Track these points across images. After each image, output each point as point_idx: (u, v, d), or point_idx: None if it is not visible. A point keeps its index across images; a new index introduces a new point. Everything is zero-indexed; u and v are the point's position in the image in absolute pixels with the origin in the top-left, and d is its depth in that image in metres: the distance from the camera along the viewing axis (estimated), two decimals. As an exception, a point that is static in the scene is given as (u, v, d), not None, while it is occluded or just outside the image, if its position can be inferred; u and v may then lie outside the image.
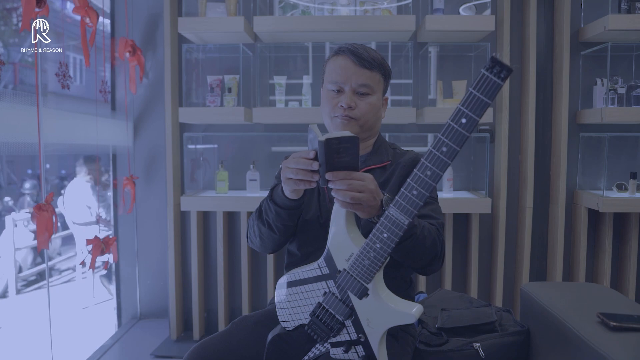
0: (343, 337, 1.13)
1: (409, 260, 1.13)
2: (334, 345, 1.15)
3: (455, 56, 2.58)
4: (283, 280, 1.18)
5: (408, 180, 0.97)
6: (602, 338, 1.08)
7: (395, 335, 1.24)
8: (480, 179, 2.59)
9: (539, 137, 2.54)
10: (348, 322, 1.11)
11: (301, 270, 1.15)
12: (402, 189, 0.98)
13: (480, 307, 1.53)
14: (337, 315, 1.11)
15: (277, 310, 1.19)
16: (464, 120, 0.88)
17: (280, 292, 1.19)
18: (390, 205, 0.99)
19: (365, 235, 1.05)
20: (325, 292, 1.12)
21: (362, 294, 1.07)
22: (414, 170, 0.96)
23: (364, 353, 1.11)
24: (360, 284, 1.06)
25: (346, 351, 1.12)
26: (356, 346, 1.12)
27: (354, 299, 1.08)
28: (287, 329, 1.18)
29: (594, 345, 1.06)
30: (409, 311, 1.05)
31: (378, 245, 1.02)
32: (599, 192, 2.46)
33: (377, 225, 1.01)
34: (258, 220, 1.22)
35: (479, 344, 1.34)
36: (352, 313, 1.09)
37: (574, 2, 2.47)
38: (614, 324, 1.11)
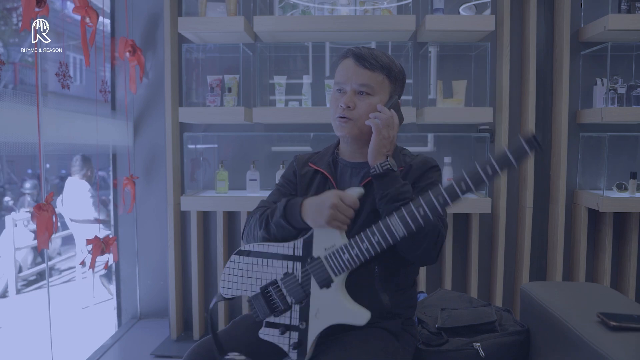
0: (283, 319, 1.15)
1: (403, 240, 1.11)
2: (269, 325, 1.16)
3: (455, 56, 2.58)
4: (248, 247, 1.19)
5: (420, 198, 1.03)
6: (602, 338, 1.08)
7: (397, 335, 1.23)
8: (480, 179, 2.58)
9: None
10: (295, 307, 1.12)
11: (272, 244, 1.17)
12: (411, 203, 1.04)
13: (480, 307, 1.54)
14: (288, 297, 1.13)
15: (222, 274, 1.21)
16: (489, 170, 1.00)
17: (236, 258, 1.19)
18: (394, 214, 1.05)
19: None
20: (287, 273, 1.14)
21: (326, 284, 1.10)
22: (429, 192, 1.03)
23: (296, 340, 1.13)
24: (328, 274, 1.09)
25: (282, 333, 1.15)
26: (292, 332, 1.13)
27: (314, 287, 1.11)
28: (225, 296, 1.20)
29: (594, 345, 1.06)
30: (361, 312, 1.10)
31: (364, 245, 1.06)
32: (599, 192, 2.46)
33: (373, 227, 1.06)
34: (264, 231, 1.22)
35: (479, 344, 1.34)
36: (305, 300, 1.12)
37: (574, 2, 2.47)
38: (614, 324, 1.12)
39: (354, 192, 1.14)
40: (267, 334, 1.17)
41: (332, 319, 1.10)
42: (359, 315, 1.08)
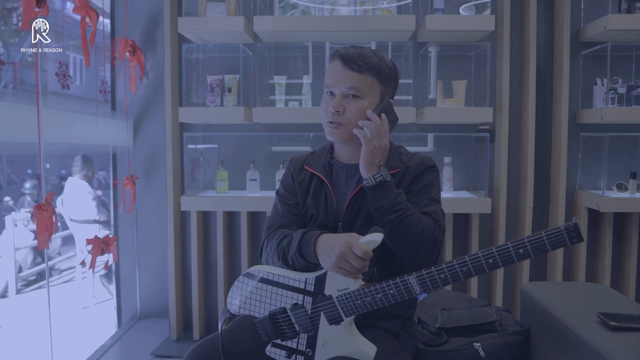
0: (290, 343, 1.14)
1: (395, 244, 1.11)
2: (275, 345, 1.15)
3: (455, 56, 2.58)
4: (257, 272, 1.16)
5: (443, 264, 1.00)
6: (602, 338, 1.08)
7: (397, 335, 1.23)
8: (480, 179, 2.59)
9: (539, 137, 2.54)
10: (303, 335, 1.11)
11: (282, 274, 1.14)
12: (433, 268, 1.00)
13: (480, 307, 1.54)
14: (296, 325, 1.11)
15: (230, 292, 1.18)
16: (521, 251, 0.96)
17: (246, 281, 1.17)
18: (414, 274, 1.02)
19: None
20: (297, 304, 1.11)
21: (335, 321, 1.09)
22: (454, 260, 0.99)
23: None
24: (339, 313, 1.08)
25: (288, 357, 1.14)
26: (298, 355, 1.13)
27: (322, 322, 1.09)
28: (232, 312, 1.18)
29: (594, 345, 1.06)
30: (368, 351, 1.08)
31: (379, 296, 1.04)
32: (599, 192, 2.46)
33: (390, 281, 1.04)
34: (282, 263, 1.19)
35: (479, 344, 1.34)
36: (313, 330, 1.10)
37: (574, 2, 2.47)
38: (614, 324, 1.11)
39: (370, 241, 1.04)
40: (273, 353, 1.16)
41: (339, 352, 1.09)
42: (365, 352, 1.08)
